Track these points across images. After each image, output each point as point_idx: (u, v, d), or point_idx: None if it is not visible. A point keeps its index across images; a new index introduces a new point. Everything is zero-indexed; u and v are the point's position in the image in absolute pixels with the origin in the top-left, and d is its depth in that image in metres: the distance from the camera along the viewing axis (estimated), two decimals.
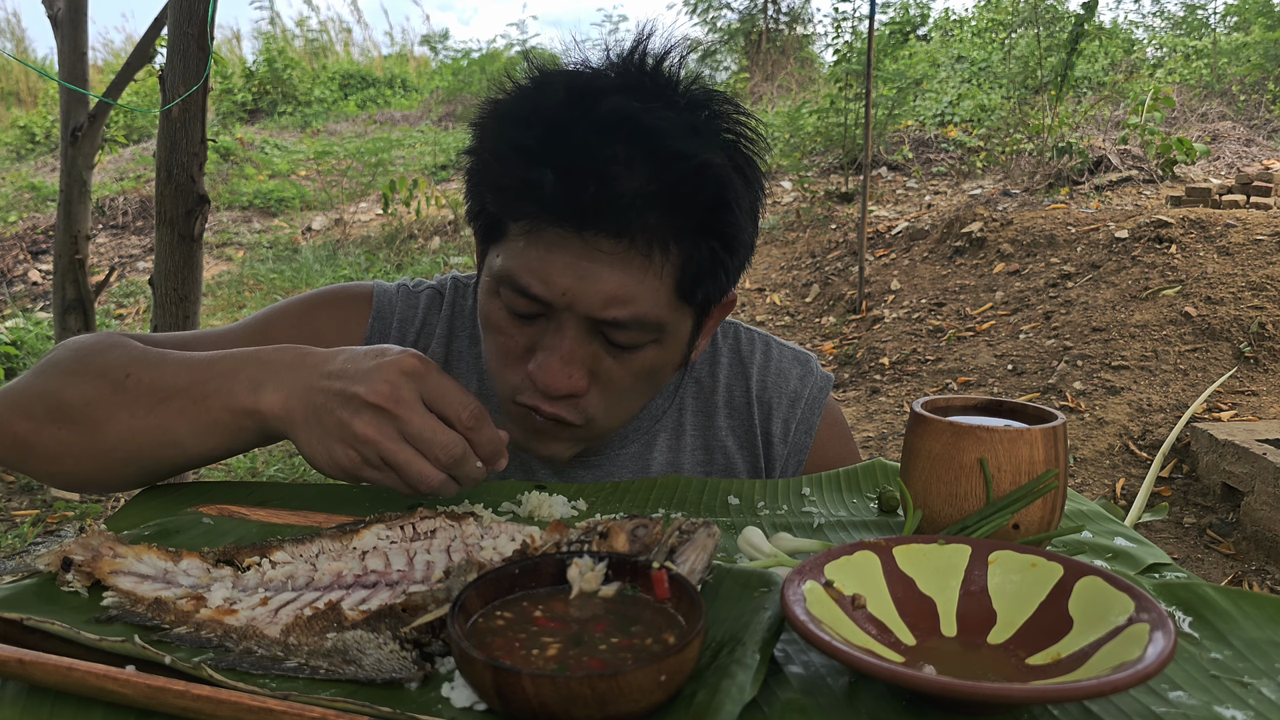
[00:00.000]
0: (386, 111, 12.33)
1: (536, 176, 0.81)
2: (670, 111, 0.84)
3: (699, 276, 0.89)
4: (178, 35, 2.40)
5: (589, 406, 0.92)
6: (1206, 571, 3.06)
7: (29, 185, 9.19)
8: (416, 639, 0.57)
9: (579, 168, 0.81)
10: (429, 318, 1.11)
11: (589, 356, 0.89)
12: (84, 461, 0.86)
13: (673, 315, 0.90)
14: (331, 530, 0.74)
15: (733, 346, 1.15)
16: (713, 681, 0.51)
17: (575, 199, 0.81)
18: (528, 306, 0.88)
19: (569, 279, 0.85)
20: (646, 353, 0.91)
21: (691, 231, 0.86)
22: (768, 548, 0.73)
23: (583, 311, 0.86)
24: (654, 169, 0.82)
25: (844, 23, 10.19)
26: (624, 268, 0.85)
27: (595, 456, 1.08)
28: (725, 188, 0.85)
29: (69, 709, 0.52)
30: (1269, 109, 8.30)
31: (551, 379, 0.88)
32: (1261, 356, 4.08)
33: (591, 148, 0.81)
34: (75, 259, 3.44)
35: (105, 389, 0.85)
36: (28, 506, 3.59)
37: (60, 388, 0.87)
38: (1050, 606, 0.59)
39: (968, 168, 7.70)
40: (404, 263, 7.44)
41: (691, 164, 0.83)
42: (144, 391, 0.84)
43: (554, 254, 0.85)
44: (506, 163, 0.85)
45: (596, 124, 0.82)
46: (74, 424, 0.85)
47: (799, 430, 1.14)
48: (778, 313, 5.98)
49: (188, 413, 0.82)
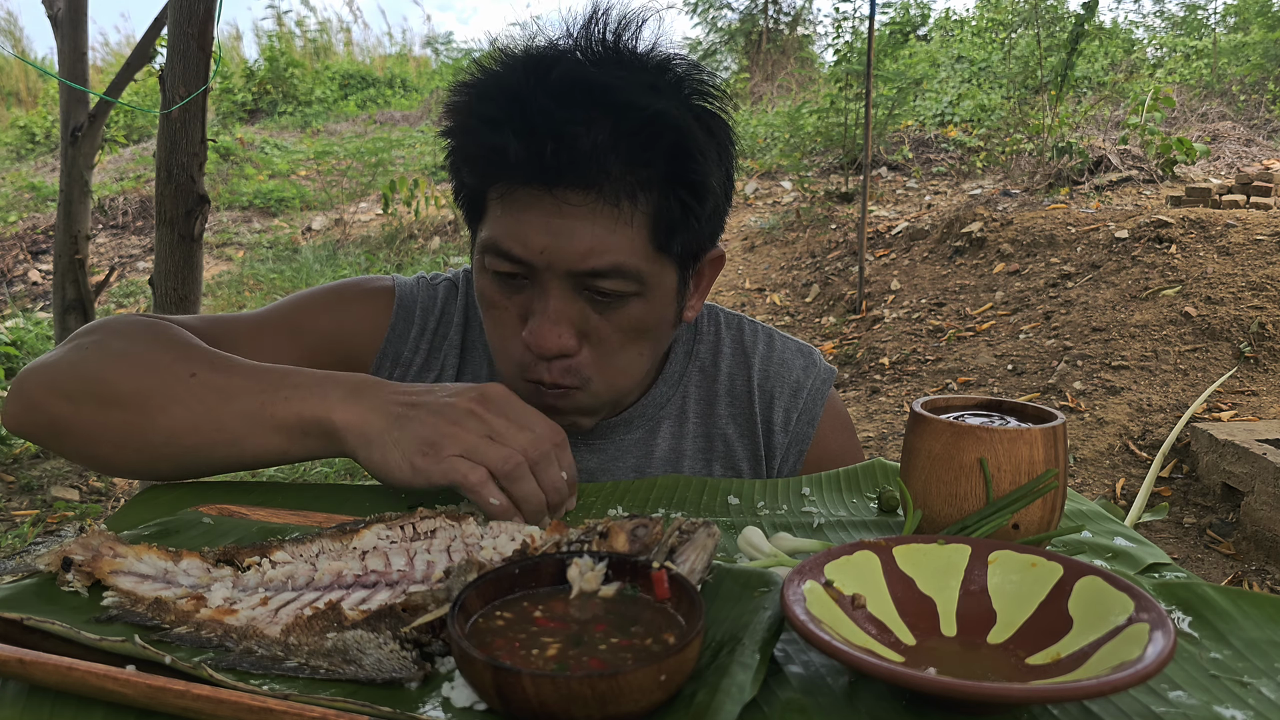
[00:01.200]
0: (386, 111, 12.33)
1: (500, 142, 0.87)
2: (624, 71, 0.90)
3: (672, 226, 0.92)
4: (178, 35, 2.39)
5: (583, 367, 0.95)
6: (1206, 571, 3.06)
7: (29, 185, 9.19)
8: (416, 639, 0.57)
9: (537, 132, 0.86)
10: (447, 307, 1.14)
11: (576, 315, 0.93)
12: (125, 448, 0.88)
13: (651, 266, 0.93)
14: (331, 530, 0.74)
15: (736, 337, 1.17)
16: (713, 681, 0.51)
17: (538, 159, 0.86)
18: (511, 269, 0.92)
19: (544, 237, 0.89)
20: (631, 307, 0.94)
21: (658, 181, 0.90)
22: (768, 548, 0.73)
23: (562, 268, 0.90)
24: (609, 122, 0.86)
25: (844, 23, 10.21)
26: (594, 219, 0.89)
27: (601, 441, 1.10)
28: (683, 135, 0.89)
29: (69, 709, 0.52)
30: (1269, 109, 8.29)
31: (543, 340, 0.92)
32: (1261, 356, 4.08)
33: (547, 111, 0.86)
34: (75, 259, 3.44)
35: (166, 381, 0.87)
36: (28, 506, 3.59)
37: (108, 373, 0.88)
38: (1050, 606, 0.59)
39: (968, 168, 7.70)
40: (404, 263, 7.44)
41: (645, 114, 0.87)
42: (209, 390, 0.86)
43: (527, 215, 0.90)
44: (473, 134, 0.91)
45: (550, 89, 0.87)
46: (122, 411, 0.86)
47: (801, 420, 1.15)
48: (778, 313, 5.98)
49: (252, 414, 0.85)
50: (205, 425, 0.85)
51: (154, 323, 0.96)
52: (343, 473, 3.95)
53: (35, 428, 0.91)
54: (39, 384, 0.90)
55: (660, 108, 0.88)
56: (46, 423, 0.90)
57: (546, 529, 0.72)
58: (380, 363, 1.11)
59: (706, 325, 1.17)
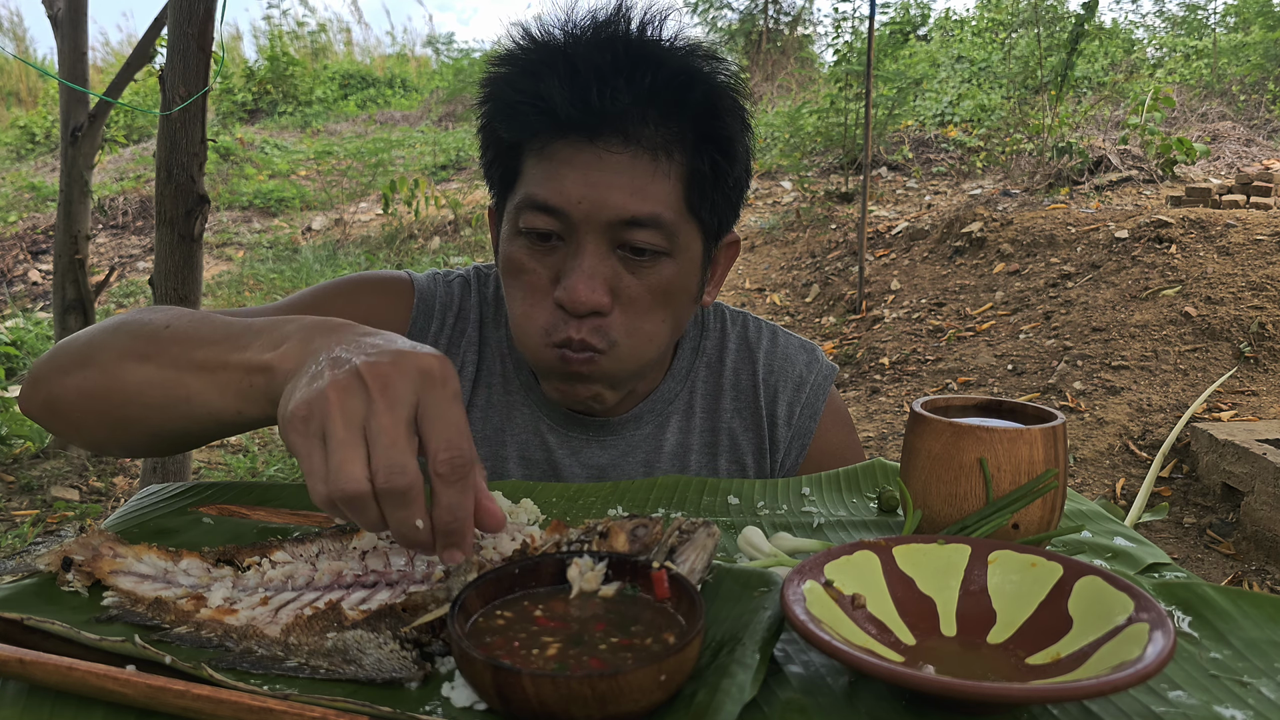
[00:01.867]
0: (387, 111, 12.33)
1: (545, 88, 0.90)
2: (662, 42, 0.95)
3: (703, 185, 0.96)
4: (178, 35, 2.40)
5: (612, 328, 0.96)
6: (1206, 571, 3.06)
7: (29, 185, 9.19)
8: (416, 639, 0.57)
9: (581, 75, 0.89)
10: (464, 303, 1.15)
11: (610, 273, 0.94)
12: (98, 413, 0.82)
13: (684, 225, 0.96)
14: (331, 530, 0.74)
15: (740, 333, 1.19)
16: (713, 681, 0.51)
17: (582, 103, 0.89)
18: (548, 223, 0.94)
19: (583, 187, 0.92)
20: (663, 267, 0.96)
21: (691, 139, 0.94)
22: (768, 548, 0.73)
23: (601, 219, 0.92)
24: (648, 76, 0.91)
25: (844, 23, 10.20)
26: (633, 171, 0.92)
27: (612, 438, 1.11)
28: (715, 94, 0.94)
29: (69, 709, 0.52)
30: (1269, 109, 8.29)
31: (577, 293, 0.92)
32: (1261, 356, 4.08)
33: (591, 59, 0.90)
34: (75, 259, 3.44)
35: (140, 340, 0.81)
36: (28, 506, 3.59)
37: (97, 341, 0.84)
38: (1050, 606, 0.59)
39: (968, 168, 7.70)
40: (404, 263, 7.44)
41: (681, 69, 0.92)
42: (177, 342, 0.78)
43: (567, 167, 0.92)
44: (515, 83, 0.93)
45: (592, 42, 0.92)
46: (100, 372, 0.81)
47: (803, 414, 1.16)
48: (778, 313, 5.98)
49: (206, 368, 0.75)
50: (164, 381, 0.77)
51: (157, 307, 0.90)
52: None
53: (36, 407, 0.88)
54: (44, 362, 0.88)
55: (695, 66, 0.94)
56: (43, 400, 0.87)
57: (547, 529, 0.72)
58: None
59: (713, 322, 1.19)
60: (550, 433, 1.10)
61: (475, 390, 1.12)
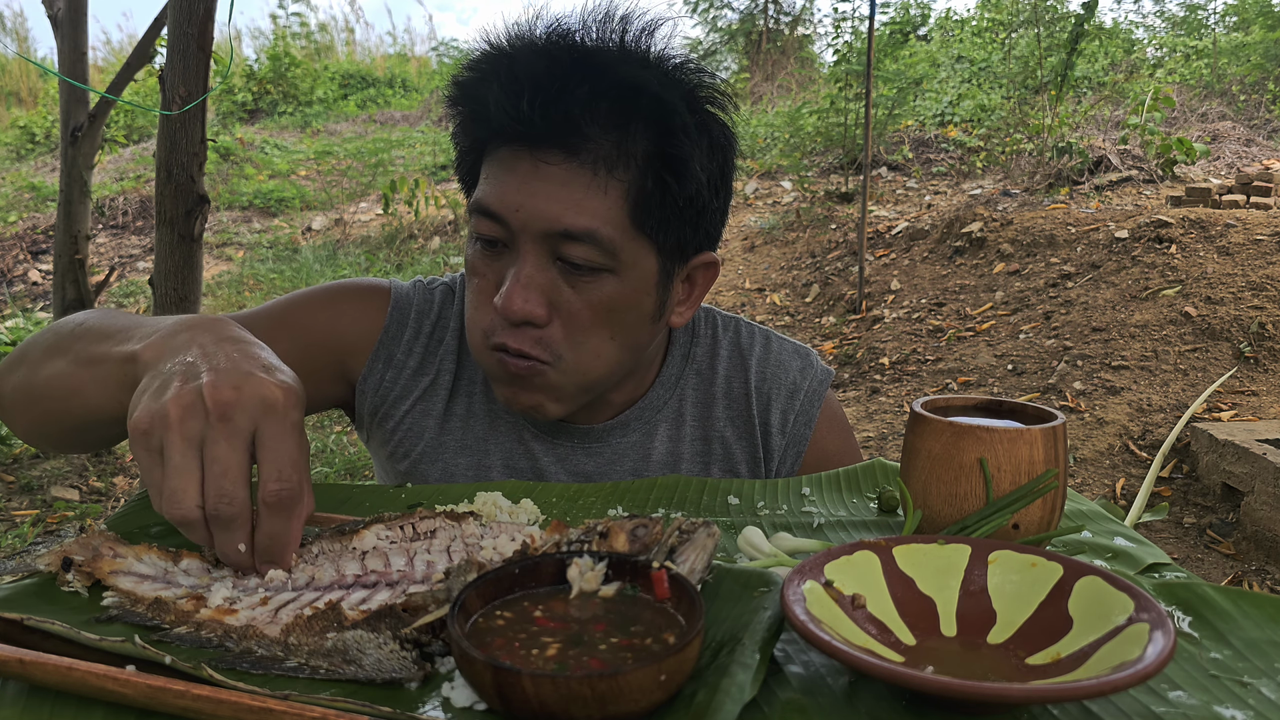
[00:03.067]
0: (387, 111, 12.33)
1: (484, 93, 0.91)
2: (625, 52, 0.92)
3: (649, 205, 0.93)
4: (178, 35, 2.40)
5: (552, 340, 0.95)
6: (1206, 571, 3.06)
7: (29, 185, 9.19)
8: (416, 639, 0.57)
9: (519, 82, 0.89)
10: (444, 311, 1.14)
11: (548, 284, 0.93)
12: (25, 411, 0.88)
13: (627, 243, 0.93)
14: (331, 530, 0.74)
15: (733, 339, 1.17)
16: (713, 681, 0.51)
17: (514, 110, 0.88)
18: (492, 229, 0.94)
19: (520, 196, 0.91)
20: (604, 284, 0.94)
21: (638, 155, 0.91)
22: (768, 548, 0.73)
23: (536, 228, 0.91)
24: (594, 88, 0.89)
25: (844, 23, 10.20)
26: (570, 182, 0.90)
27: (597, 445, 1.10)
28: (666, 110, 0.91)
29: (69, 709, 0.52)
30: (1269, 109, 8.29)
31: (510, 302, 0.92)
32: (1261, 356, 4.08)
33: (531, 66, 0.89)
34: (75, 259, 3.44)
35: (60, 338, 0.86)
36: (28, 506, 3.59)
37: (34, 338, 0.91)
38: (1050, 606, 0.59)
39: (968, 168, 7.70)
40: (404, 263, 7.44)
41: (625, 82, 0.89)
42: (80, 339, 0.82)
43: (508, 174, 0.92)
44: (463, 86, 0.95)
45: (540, 48, 0.91)
46: (27, 369, 0.88)
47: (798, 422, 1.15)
48: (778, 313, 5.98)
49: (94, 361, 0.78)
50: (63, 375, 0.81)
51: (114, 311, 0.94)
52: (342, 473, 3.95)
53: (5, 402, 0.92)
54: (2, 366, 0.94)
55: (643, 79, 0.90)
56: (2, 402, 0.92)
57: (547, 529, 0.72)
58: (372, 364, 1.11)
59: (703, 328, 1.17)
60: (535, 440, 1.10)
61: (453, 399, 1.11)
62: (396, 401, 1.11)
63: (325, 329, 1.09)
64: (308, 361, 1.04)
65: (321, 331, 1.09)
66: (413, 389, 1.11)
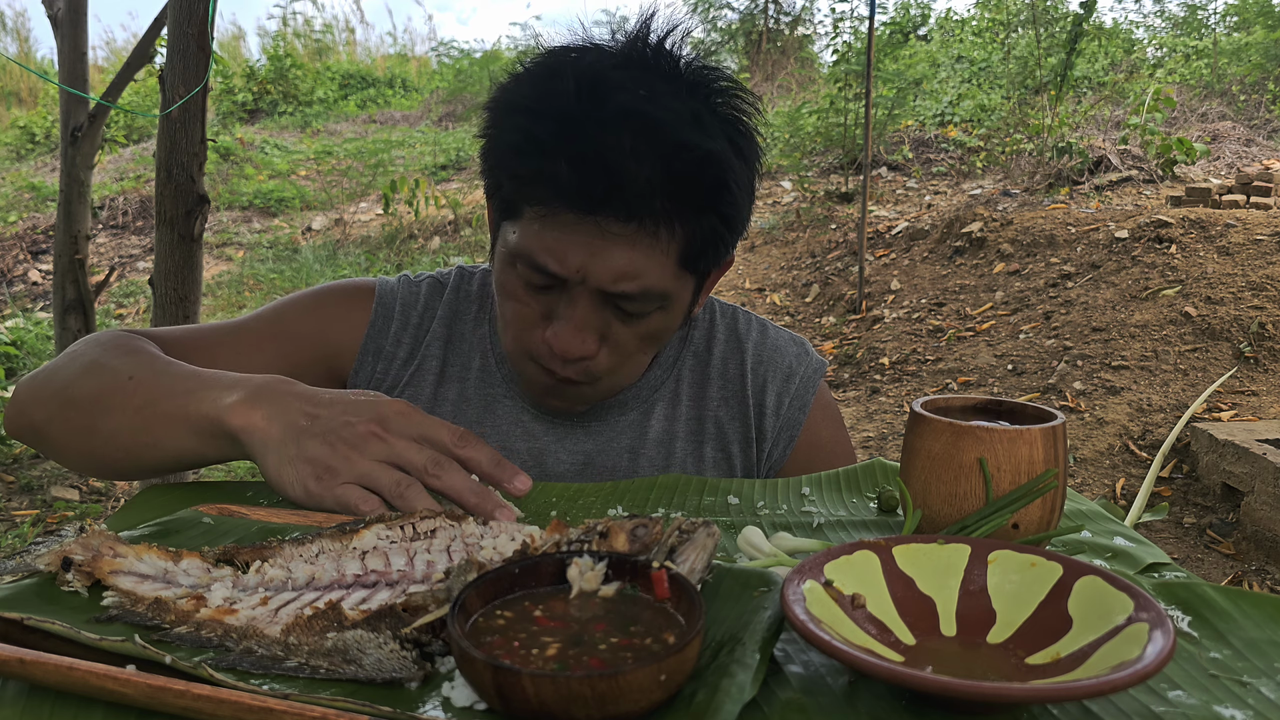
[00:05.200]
0: (386, 111, 12.33)
1: (550, 168, 0.88)
2: (675, 101, 0.90)
3: (702, 250, 0.96)
4: (178, 35, 2.40)
5: (598, 367, 0.99)
6: (1206, 571, 3.06)
7: (29, 185, 9.18)
8: (416, 639, 0.57)
9: (590, 159, 0.87)
10: (430, 303, 1.16)
11: (600, 323, 0.97)
12: (82, 450, 0.94)
13: (677, 285, 0.97)
14: (331, 530, 0.74)
15: (730, 325, 1.20)
16: (713, 681, 0.51)
17: (588, 188, 0.88)
18: (543, 280, 0.95)
19: (582, 257, 0.91)
20: (653, 318, 0.99)
21: (694, 212, 0.93)
22: (768, 547, 0.73)
23: (595, 285, 0.93)
24: (661, 160, 0.88)
25: (842, 22, 10.20)
26: (633, 246, 0.91)
27: (596, 424, 1.13)
28: (727, 172, 0.92)
29: (69, 709, 0.52)
30: (1269, 109, 8.29)
31: (568, 345, 0.95)
32: (1261, 356, 4.08)
33: (602, 140, 0.87)
34: (75, 259, 3.44)
35: (109, 388, 0.91)
36: (28, 506, 3.59)
37: (74, 383, 0.95)
38: (1049, 606, 0.59)
39: (968, 168, 7.69)
40: (404, 262, 7.44)
41: (696, 154, 0.89)
42: (141, 394, 0.90)
43: (568, 235, 0.91)
44: (522, 154, 0.91)
45: (606, 118, 0.87)
46: (79, 414, 0.93)
47: (792, 405, 1.17)
48: (778, 313, 5.98)
49: (170, 415, 0.87)
50: (135, 428, 0.89)
51: (128, 337, 1.01)
52: None
53: (22, 432, 0.99)
54: (27, 392, 0.99)
55: (709, 149, 0.90)
56: (29, 427, 0.98)
57: (547, 529, 0.72)
58: (363, 359, 1.13)
59: (701, 314, 1.19)
60: (535, 421, 1.12)
61: (443, 385, 1.13)
62: (388, 392, 1.13)
63: (312, 333, 1.12)
64: (296, 366, 1.07)
65: (308, 336, 1.11)
66: (402, 377, 1.14)
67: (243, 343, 1.08)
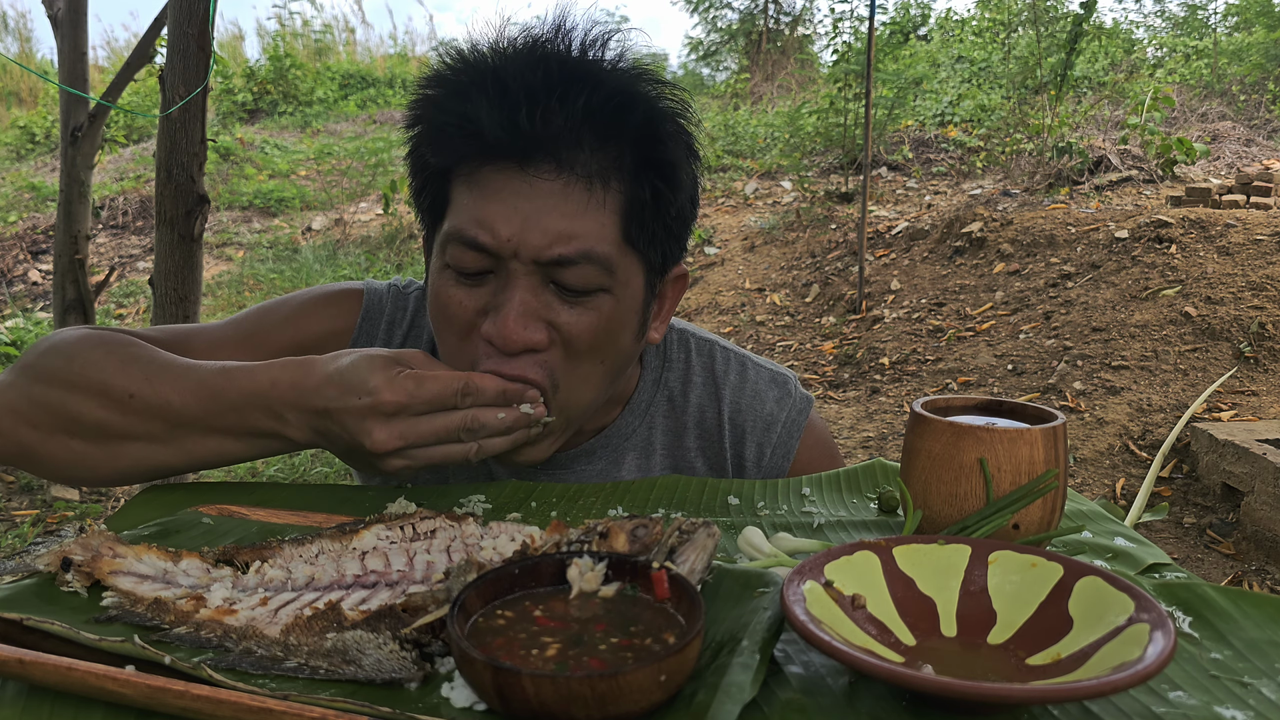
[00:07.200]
0: (387, 111, 12.32)
1: (472, 109, 0.85)
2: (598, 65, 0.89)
3: (643, 218, 0.89)
4: (178, 35, 2.40)
5: (553, 364, 0.89)
6: (1206, 571, 3.06)
7: (29, 185, 9.19)
8: (416, 639, 0.57)
9: (511, 95, 0.84)
10: (417, 319, 1.11)
11: (543, 307, 0.87)
12: (99, 471, 0.90)
13: (621, 258, 0.89)
14: (331, 530, 0.74)
15: (707, 365, 1.12)
16: (713, 681, 0.51)
17: (511, 124, 0.83)
18: (475, 261, 0.87)
19: (513, 223, 0.85)
20: (601, 302, 0.89)
21: (629, 166, 0.88)
22: (768, 548, 0.73)
23: (529, 255, 0.85)
24: (583, 97, 0.85)
25: (843, 22, 10.20)
26: (565, 201, 0.86)
27: (561, 472, 1.06)
28: (654, 117, 0.89)
29: (69, 709, 0.52)
30: (1269, 109, 8.29)
31: (508, 330, 0.85)
32: (1261, 356, 4.08)
33: (523, 78, 0.85)
34: (75, 259, 3.44)
35: (112, 411, 0.87)
36: (28, 506, 3.59)
37: (65, 402, 0.88)
38: (1050, 606, 0.59)
39: (968, 168, 7.70)
40: (404, 263, 7.44)
41: (618, 90, 0.87)
42: (153, 417, 0.87)
43: (496, 200, 0.86)
44: (443, 105, 0.88)
45: (526, 60, 0.86)
46: (89, 440, 0.88)
47: (775, 455, 1.11)
48: (778, 313, 5.98)
49: (209, 439, 0.87)
50: (169, 453, 0.88)
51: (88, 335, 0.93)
52: (342, 473, 3.95)
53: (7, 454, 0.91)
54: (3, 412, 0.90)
55: (635, 88, 0.88)
56: (16, 450, 0.90)
57: (547, 529, 0.72)
58: None
59: (676, 352, 1.12)
60: (496, 465, 1.04)
61: None
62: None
63: (291, 343, 1.06)
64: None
65: (288, 345, 1.05)
66: None
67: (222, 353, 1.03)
